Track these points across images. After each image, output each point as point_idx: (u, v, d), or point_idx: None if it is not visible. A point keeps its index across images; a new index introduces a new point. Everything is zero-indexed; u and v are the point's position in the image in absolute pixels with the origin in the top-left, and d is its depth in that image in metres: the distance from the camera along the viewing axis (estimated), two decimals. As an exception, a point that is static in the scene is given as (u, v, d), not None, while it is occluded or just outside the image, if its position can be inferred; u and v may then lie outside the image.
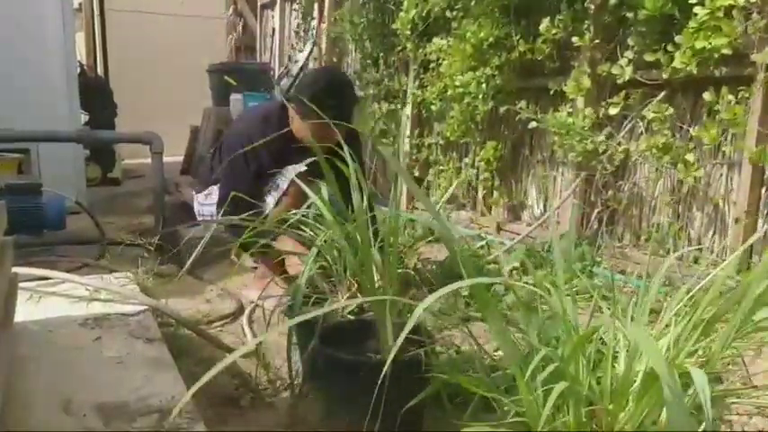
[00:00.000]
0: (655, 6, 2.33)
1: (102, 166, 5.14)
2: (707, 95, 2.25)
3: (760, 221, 2.27)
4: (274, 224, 1.78)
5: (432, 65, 3.64)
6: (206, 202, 2.51)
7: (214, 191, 2.45)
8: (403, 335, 0.83)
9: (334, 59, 5.08)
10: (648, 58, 2.39)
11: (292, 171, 2.23)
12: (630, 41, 2.54)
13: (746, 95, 2.18)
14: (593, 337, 1.06)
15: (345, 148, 1.56)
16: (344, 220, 1.59)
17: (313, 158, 2.08)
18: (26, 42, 3.66)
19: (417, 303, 0.88)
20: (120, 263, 2.54)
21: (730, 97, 2.20)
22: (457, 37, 3.30)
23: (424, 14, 3.59)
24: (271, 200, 2.29)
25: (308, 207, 1.74)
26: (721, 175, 2.42)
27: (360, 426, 1.19)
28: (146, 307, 1.62)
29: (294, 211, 1.76)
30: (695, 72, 2.24)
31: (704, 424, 0.78)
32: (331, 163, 1.58)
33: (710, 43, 2.14)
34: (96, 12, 6.46)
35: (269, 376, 1.65)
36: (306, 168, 2.17)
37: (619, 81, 2.55)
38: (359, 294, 1.62)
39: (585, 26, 2.69)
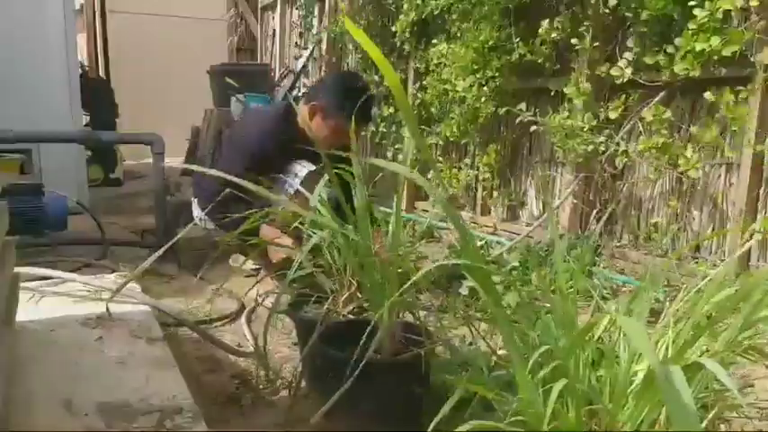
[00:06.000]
0: (656, 6, 2.33)
1: (103, 166, 5.14)
2: (708, 95, 2.26)
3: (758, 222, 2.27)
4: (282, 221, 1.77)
5: (431, 67, 3.64)
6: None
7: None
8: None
9: (334, 60, 5.09)
10: (648, 60, 2.39)
11: (306, 169, 2.28)
12: (630, 43, 2.55)
13: (745, 97, 2.19)
14: (592, 335, 1.06)
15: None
16: (344, 219, 1.59)
17: (316, 156, 2.09)
18: (28, 43, 3.67)
19: (417, 302, 0.89)
20: (121, 263, 2.55)
21: (731, 97, 2.21)
22: (457, 40, 3.31)
23: (423, 17, 3.60)
24: (296, 182, 2.28)
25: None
26: (719, 175, 2.42)
27: (359, 425, 1.20)
28: (147, 307, 1.63)
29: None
30: (695, 74, 2.24)
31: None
32: (337, 164, 1.60)
33: (710, 45, 2.15)
34: (98, 13, 6.48)
35: (269, 376, 1.65)
36: (315, 168, 2.23)
37: (618, 82, 2.56)
38: (359, 294, 1.63)
39: (584, 28, 2.69)
